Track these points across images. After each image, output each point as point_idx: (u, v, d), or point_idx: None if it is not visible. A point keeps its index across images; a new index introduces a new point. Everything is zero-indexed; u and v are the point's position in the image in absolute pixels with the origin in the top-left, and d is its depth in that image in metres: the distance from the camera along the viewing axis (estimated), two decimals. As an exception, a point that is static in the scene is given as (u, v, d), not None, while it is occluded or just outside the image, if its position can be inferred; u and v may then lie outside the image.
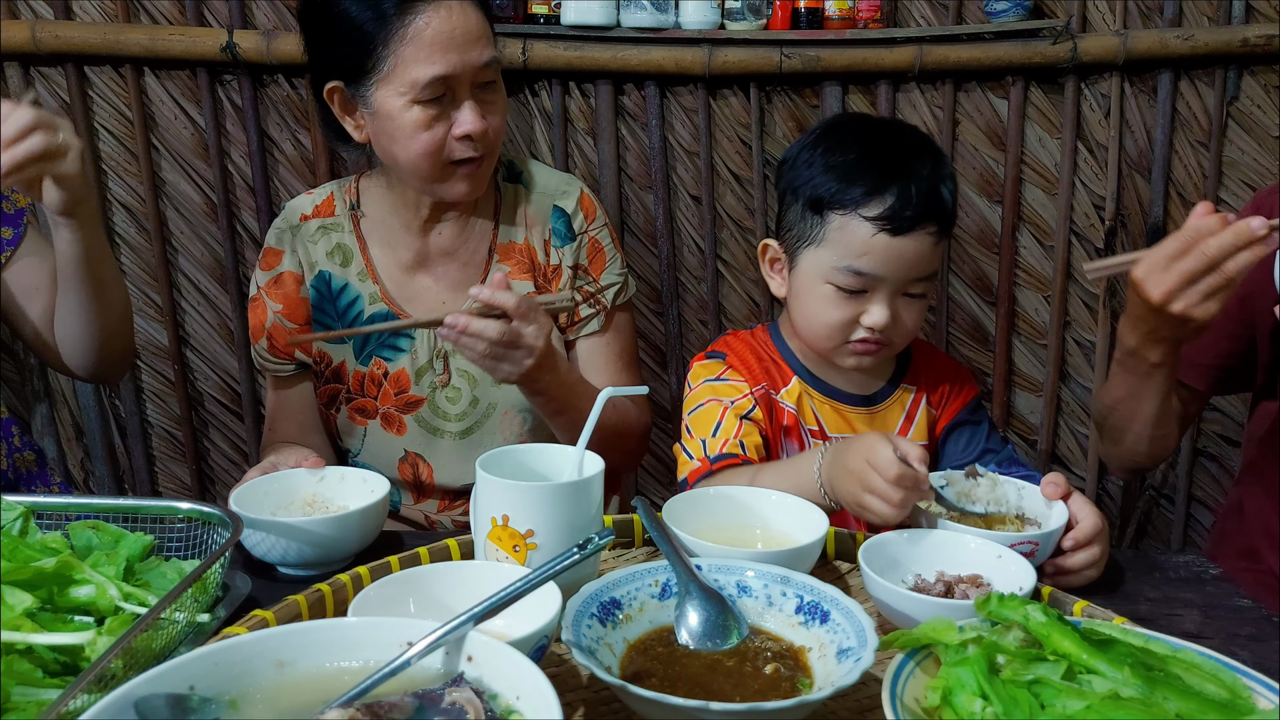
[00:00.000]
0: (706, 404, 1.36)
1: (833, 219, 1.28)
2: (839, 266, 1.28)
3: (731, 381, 1.37)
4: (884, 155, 1.29)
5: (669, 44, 2.11)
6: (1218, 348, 1.44)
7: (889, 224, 1.25)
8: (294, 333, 1.52)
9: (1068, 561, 1.11)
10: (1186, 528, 2.42)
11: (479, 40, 1.35)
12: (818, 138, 1.35)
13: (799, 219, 1.33)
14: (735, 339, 1.46)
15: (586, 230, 1.54)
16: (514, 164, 1.57)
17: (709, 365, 1.41)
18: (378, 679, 0.70)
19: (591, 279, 1.55)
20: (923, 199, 1.26)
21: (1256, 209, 1.41)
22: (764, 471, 1.26)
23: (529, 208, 1.54)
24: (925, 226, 1.27)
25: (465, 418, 1.52)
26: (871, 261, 1.26)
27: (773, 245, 1.39)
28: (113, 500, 1.12)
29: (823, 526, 1.05)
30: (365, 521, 1.15)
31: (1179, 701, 0.72)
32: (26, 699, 0.81)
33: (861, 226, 1.26)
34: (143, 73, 2.18)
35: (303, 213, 1.55)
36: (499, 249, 1.53)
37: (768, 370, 1.40)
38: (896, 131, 1.37)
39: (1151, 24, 2.15)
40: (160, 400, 2.39)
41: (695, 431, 1.35)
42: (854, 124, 1.42)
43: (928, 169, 1.29)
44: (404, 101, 1.35)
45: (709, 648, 0.85)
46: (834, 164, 1.30)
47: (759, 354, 1.42)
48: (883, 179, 1.26)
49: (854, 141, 1.32)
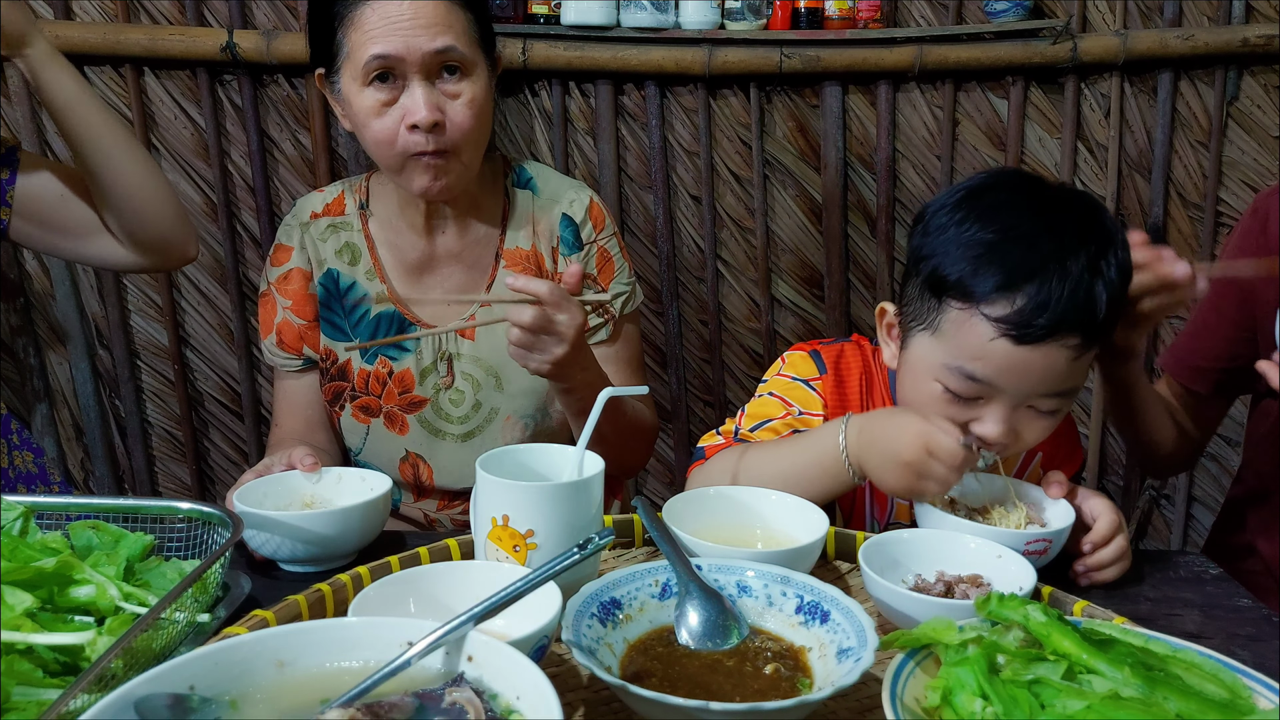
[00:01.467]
0: (770, 398, 1.30)
1: (950, 308, 1.09)
2: (950, 365, 1.09)
3: (812, 395, 1.28)
4: (1028, 239, 1.06)
5: (669, 44, 2.11)
6: (1217, 350, 1.44)
7: (1014, 329, 1.04)
8: (304, 329, 1.53)
9: (1098, 559, 1.10)
10: (1186, 528, 2.42)
11: (431, 26, 1.33)
12: (961, 199, 1.13)
13: (917, 295, 1.14)
14: (854, 352, 1.32)
15: (595, 239, 1.54)
16: (524, 169, 1.56)
17: (804, 363, 1.31)
18: (378, 679, 0.70)
19: (600, 288, 1.55)
20: (1065, 304, 1.03)
21: (1255, 212, 1.41)
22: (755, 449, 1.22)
23: (537, 214, 1.53)
24: (1063, 338, 1.05)
25: (467, 420, 1.52)
26: (988, 368, 1.07)
27: (889, 311, 1.22)
28: (113, 500, 1.12)
29: (823, 527, 1.05)
30: (367, 517, 1.15)
31: (1179, 701, 0.72)
32: (27, 699, 0.81)
33: (981, 325, 1.06)
34: (143, 73, 2.18)
35: (313, 210, 1.55)
36: (505, 254, 1.53)
37: (869, 393, 1.29)
38: (1059, 206, 1.10)
39: (1151, 24, 2.16)
40: (160, 400, 2.39)
41: (746, 416, 1.30)
42: (1009, 187, 1.14)
43: (1082, 264, 1.05)
44: (357, 86, 1.36)
45: (709, 648, 0.85)
46: (965, 240, 1.08)
47: (870, 374, 1.30)
48: (1017, 273, 1.04)
49: (999, 214, 1.09)
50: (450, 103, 1.36)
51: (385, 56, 1.32)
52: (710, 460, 1.26)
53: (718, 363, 2.36)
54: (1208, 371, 1.46)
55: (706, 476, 1.24)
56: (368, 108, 1.35)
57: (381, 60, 1.32)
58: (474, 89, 1.37)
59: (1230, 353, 1.43)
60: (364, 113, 1.36)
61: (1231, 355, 1.43)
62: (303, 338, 1.54)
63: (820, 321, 2.34)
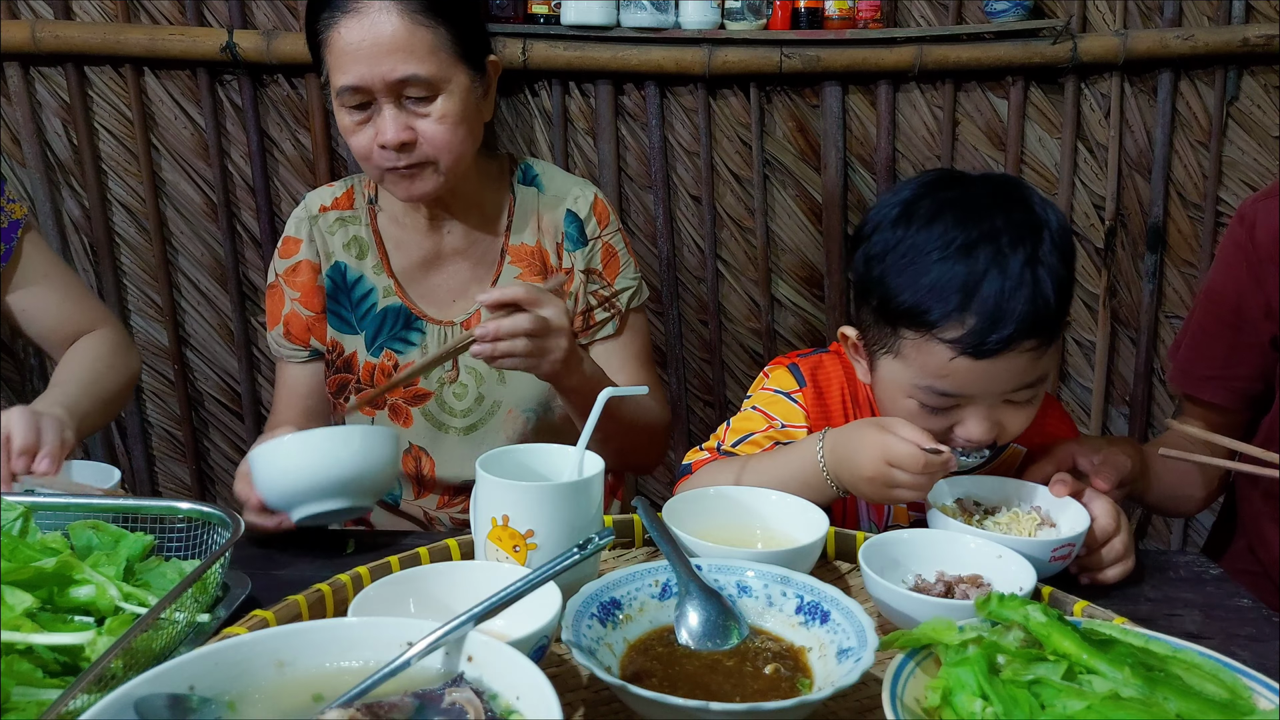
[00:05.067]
0: (753, 411, 1.31)
1: (906, 336, 1.11)
2: (919, 384, 1.11)
3: (794, 407, 1.29)
4: (965, 252, 1.07)
5: (669, 44, 2.11)
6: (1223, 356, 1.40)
7: (971, 349, 1.06)
8: (312, 321, 1.55)
9: (1101, 560, 1.10)
10: (1186, 527, 2.42)
11: (395, 52, 1.34)
12: (897, 217, 1.13)
13: (872, 321, 1.16)
14: (834, 364, 1.32)
15: (600, 235, 1.55)
16: (530, 167, 1.57)
17: (784, 377, 1.31)
18: (378, 679, 0.70)
19: (606, 283, 1.55)
20: (1016, 315, 1.05)
21: (1242, 219, 1.38)
22: (753, 462, 1.23)
23: (542, 211, 1.54)
24: (1020, 345, 1.06)
25: (470, 414, 1.53)
26: (955, 383, 1.09)
27: (850, 336, 1.23)
28: (113, 500, 1.12)
29: (823, 527, 1.05)
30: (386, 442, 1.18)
31: (1179, 702, 0.72)
32: (27, 699, 0.81)
33: (939, 349, 1.08)
34: (143, 73, 2.18)
35: (322, 204, 1.57)
36: (510, 250, 1.53)
37: (855, 402, 1.30)
38: (989, 205, 1.10)
39: (1151, 24, 2.15)
40: (160, 400, 2.39)
41: (730, 431, 1.31)
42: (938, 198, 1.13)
43: (1021, 261, 1.06)
44: (337, 104, 1.40)
45: (709, 648, 0.85)
46: (908, 267, 1.10)
47: (853, 384, 1.30)
48: (964, 294, 1.06)
49: (934, 228, 1.10)
50: (420, 120, 1.38)
51: (353, 88, 1.36)
52: (696, 475, 1.27)
53: (718, 363, 2.36)
54: (1218, 379, 1.41)
55: None
56: (346, 126, 1.41)
57: (350, 90, 1.36)
58: (446, 105, 1.38)
59: (1234, 357, 1.39)
60: (345, 129, 1.41)
61: (1235, 360, 1.39)
62: (310, 329, 1.55)
63: (820, 321, 2.34)
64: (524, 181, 1.56)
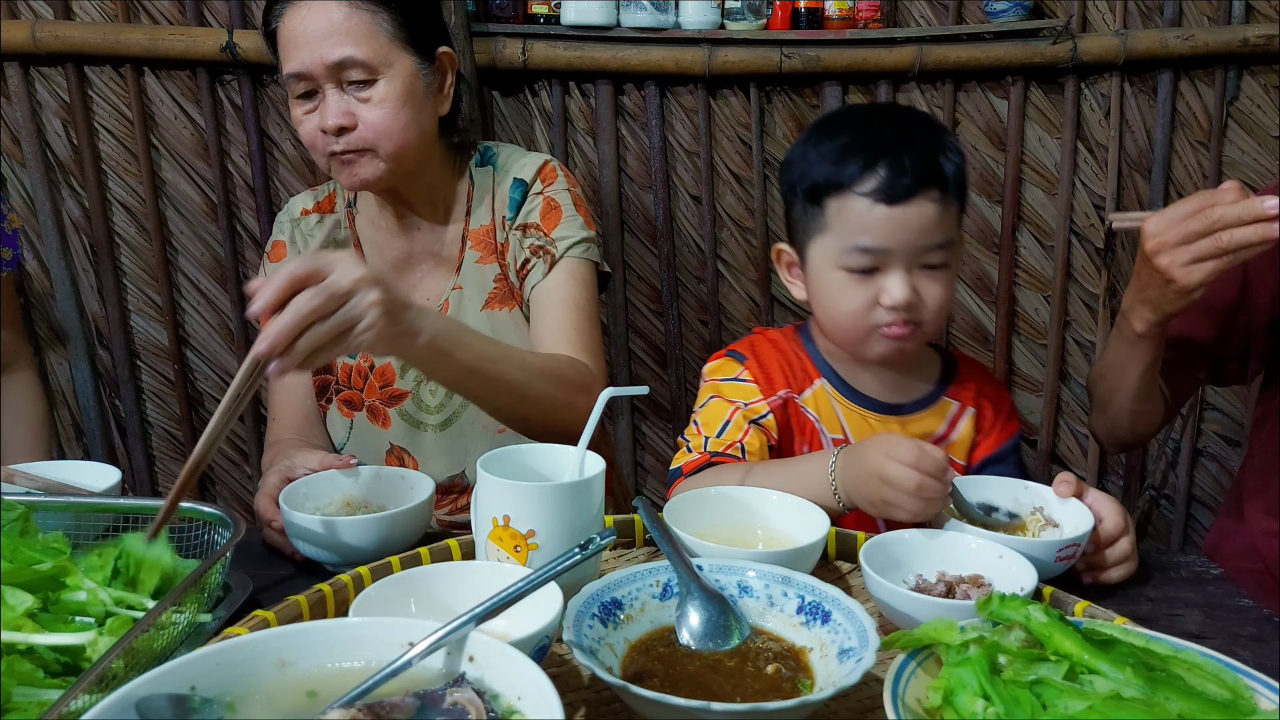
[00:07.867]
0: (715, 400, 1.35)
1: (831, 204, 1.26)
2: (845, 248, 1.25)
3: (745, 385, 1.35)
4: (874, 133, 1.28)
5: (669, 44, 2.11)
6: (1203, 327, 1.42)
7: (885, 195, 1.22)
8: None
9: (1105, 560, 1.11)
10: (1186, 528, 2.42)
11: (332, 35, 1.35)
12: (810, 133, 1.34)
13: (802, 214, 1.31)
14: (762, 339, 1.43)
15: (542, 191, 1.52)
16: (489, 148, 1.57)
17: (726, 364, 1.39)
18: (379, 679, 0.70)
19: (542, 234, 1.49)
20: (918, 166, 1.23)
21: None
22: (759, 469, 1.24)
23: (495, 188, 1.54)
24: (925, 192, 1.23)
25: (444, 409, 1.53)
26: (875, 236, 1.23)
27: (785, 249, 1.37)
28: (112, 500, 1.12)
29: (824, 527, 1.05)
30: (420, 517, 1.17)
31: (1181, 702, 0.72)
32: (27, 699, 0.81)
33: (858, 203, 1.24)
34: (143, 73, 2.18)
35: (303, 207, 1.59)
36: (470, 234, 1.54)
37: (792, 372, 1.37)
38: (888, 111, 1.39)
39: (1151, 24, 2.15)
40: (160, 400, 2.39)
41: (702, 426, 1.33)
42: (845, 113, 1.42)
43: (922, 138, 1.26)
44: (290, 96, 1.42)
45: (710, 648, 0.85)
46: (826, 150, 1.28)
47: (785, 355, 1.39)
48: (874, 153, 1.24)
49: (844, 127, 1.30)
50: (360, 105, 1.39)
51: (297, 74, 1.38)
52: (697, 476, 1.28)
53: (718, 363, 2.35)
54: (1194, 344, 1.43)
55: None
56: (296, 116, 1.42)
57: (295, 77, 1.38)
58: (386, 89, 1.38)
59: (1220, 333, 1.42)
60: (295, 121, 1.43)
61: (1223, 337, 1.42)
62: None
63: (820, 321, 2.34)
64: (480, 164, 1.56)
